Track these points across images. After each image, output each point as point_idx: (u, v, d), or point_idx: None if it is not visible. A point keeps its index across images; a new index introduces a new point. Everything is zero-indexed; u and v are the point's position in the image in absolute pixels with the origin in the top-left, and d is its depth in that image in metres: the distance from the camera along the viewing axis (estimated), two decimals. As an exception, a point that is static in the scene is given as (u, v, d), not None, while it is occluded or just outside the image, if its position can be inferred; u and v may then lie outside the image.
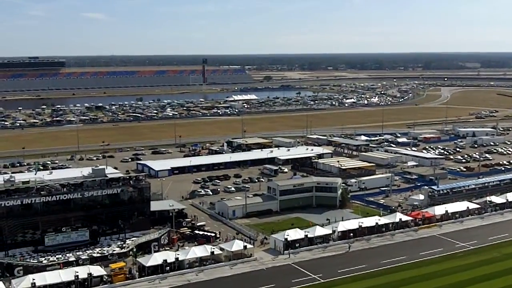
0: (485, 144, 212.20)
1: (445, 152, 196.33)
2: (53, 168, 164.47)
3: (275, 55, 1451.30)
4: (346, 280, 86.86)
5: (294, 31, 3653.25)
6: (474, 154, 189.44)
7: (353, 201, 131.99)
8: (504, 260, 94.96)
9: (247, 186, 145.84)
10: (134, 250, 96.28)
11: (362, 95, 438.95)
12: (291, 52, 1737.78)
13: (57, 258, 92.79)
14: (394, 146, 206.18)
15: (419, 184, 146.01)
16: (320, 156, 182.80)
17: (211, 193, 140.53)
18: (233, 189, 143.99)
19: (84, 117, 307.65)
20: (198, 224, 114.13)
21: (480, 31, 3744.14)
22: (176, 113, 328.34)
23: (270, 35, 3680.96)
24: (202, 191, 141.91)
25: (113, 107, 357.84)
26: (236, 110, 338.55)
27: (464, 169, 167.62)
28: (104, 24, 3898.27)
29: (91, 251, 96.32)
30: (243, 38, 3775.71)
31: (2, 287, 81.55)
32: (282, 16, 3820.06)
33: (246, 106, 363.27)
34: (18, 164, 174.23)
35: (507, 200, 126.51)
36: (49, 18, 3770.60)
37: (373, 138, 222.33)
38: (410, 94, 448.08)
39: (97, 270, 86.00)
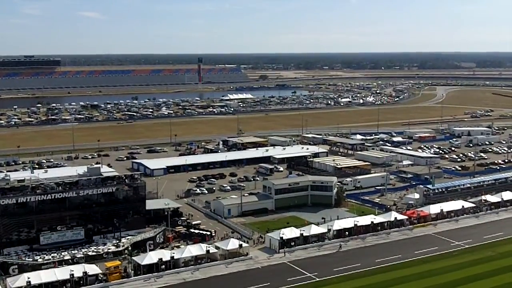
0: (480, 143, 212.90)
1: (441, 151, 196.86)
2: (48, 167, 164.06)
3: (271, 54, 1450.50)
4: (341, 278, 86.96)
5: (290, 30, 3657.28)
6: (469, 153, 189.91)
7: (349, 200, 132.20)
8: (499, 259, 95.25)
9: (242, 185, 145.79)
10: (130, 248, 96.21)
11: (358, 94, 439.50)
12: (286, 51, 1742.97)
13: (52, 257, 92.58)
14: (389, 145, 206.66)
15: (414, 183, 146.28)
16: (316, 155, 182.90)
17: (206, 192, 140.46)
18: (228, 188, 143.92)
19: (80, 116, 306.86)
20: (193, 222, 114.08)
21: (475, 31, 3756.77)
22: (172, 112, 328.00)
23: (266, 34, 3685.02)
24: (198, 190, 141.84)
25: (108, 106, 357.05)
26: (232, 109, 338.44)
27: (459, 168, 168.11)
28: (99, 23, 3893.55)
29: (86, 250, 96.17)
30: (239, 37, 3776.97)
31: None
32: (278, 16, 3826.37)
33: (241, 105, 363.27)
34: (13, 163, 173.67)
35: (502, 199, 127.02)
36: (44, 16, 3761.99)
37: (368, 137, 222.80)
38: (405, 94, 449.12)
39: (93, 269, 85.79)
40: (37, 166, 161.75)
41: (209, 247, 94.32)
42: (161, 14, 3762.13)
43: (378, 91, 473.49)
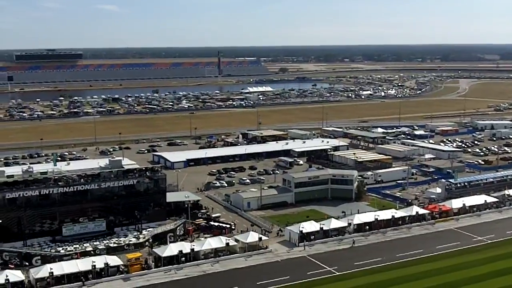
0: (503, 137, 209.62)
1: (463, 145, 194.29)
2: (71, 159, 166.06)
3: (291, 46, 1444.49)
4: (362, 273, 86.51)
5: (310, 22, 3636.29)
6: (492, 147, 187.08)
7: (369, 194, 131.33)
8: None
9: (262, 178, 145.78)
10: (150, 240, 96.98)
11: (379, 87, 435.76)
12: (307, 43, 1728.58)
13: (74, 248, 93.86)
14: (411, 138, 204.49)
15: (436, 177, 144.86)
16: (336, 148, 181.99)
17: (226, 185, 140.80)
18: (248, 181, 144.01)
19: (101, 109, 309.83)
20: (213, 215, 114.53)
21: (499, 22, 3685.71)
22: (192, 105, 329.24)
23: (285, 26, 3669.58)
24: (217, 183, 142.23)
25: (129, 99, 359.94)
26: (251, 102, 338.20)
27: (482, 162, 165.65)
28: (118, 16, 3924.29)
29: (107, 241, 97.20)
30: (258, 30, 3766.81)
31: (21, 275, 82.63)
32: (298, 7, 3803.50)
33: (261, 98, 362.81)
34: (36, 155, 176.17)
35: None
36: (64, 10, 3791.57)
37: (389, 131, 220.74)
38: (428, 86, 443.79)
39: (114, 260, 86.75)
40: (59, 159, 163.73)
41: (228, 239, 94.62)
42: (179, 6, 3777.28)
43: (399, 84, 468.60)
